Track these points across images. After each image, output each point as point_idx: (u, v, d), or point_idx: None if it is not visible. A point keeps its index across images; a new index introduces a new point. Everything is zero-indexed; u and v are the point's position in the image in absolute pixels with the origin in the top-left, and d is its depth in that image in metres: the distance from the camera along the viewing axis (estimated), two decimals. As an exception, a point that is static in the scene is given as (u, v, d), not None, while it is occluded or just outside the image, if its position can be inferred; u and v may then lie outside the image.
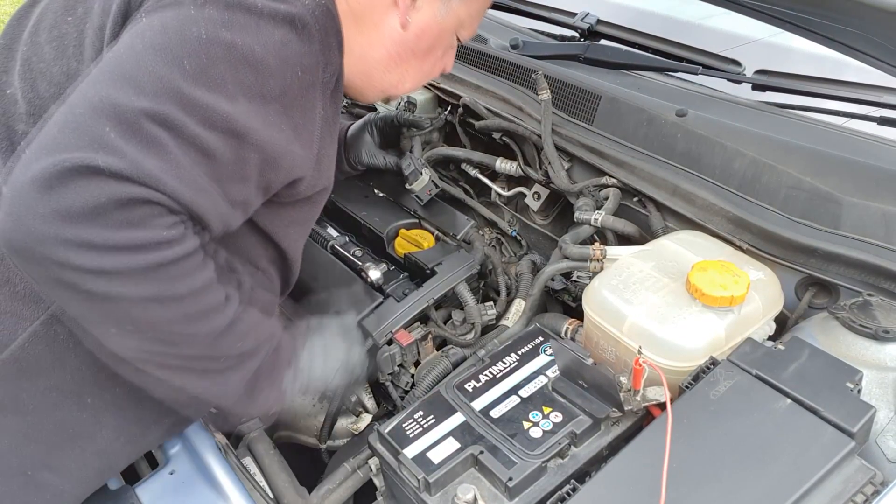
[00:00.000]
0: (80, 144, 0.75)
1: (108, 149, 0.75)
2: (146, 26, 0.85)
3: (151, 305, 0.83)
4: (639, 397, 0.96)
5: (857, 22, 1.13)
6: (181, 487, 1.09)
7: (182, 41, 0.82)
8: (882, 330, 1.01)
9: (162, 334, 0.87)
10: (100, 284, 0.78)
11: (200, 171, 0.82)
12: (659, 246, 1.22)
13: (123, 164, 0.76)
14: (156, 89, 0.79)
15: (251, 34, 0.85)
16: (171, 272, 0.81)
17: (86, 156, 0.74)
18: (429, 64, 1.17)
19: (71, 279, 0.77)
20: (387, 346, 1.29)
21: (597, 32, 1.80)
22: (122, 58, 0.82)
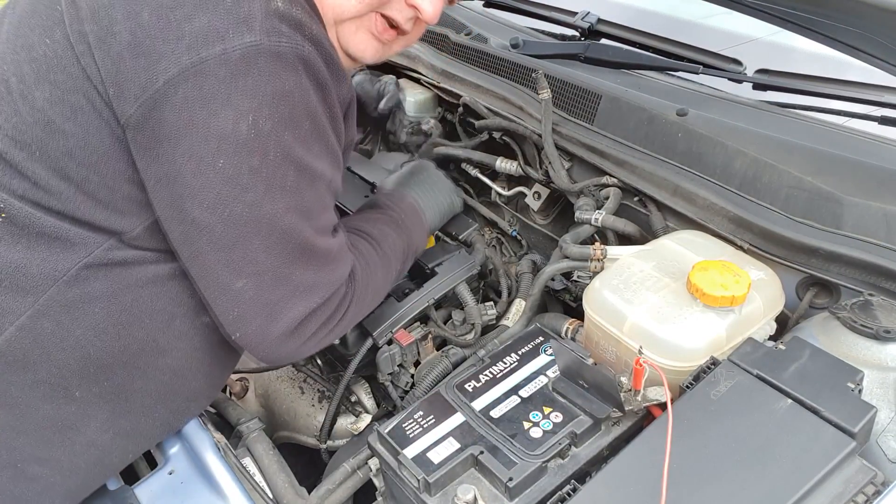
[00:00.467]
0: (290, 302, 0.98)
1: (305, 290, 0.99)
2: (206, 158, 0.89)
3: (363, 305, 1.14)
4: (639, 397, 0.96)
5: (858, 21, 1.13)
6: (180, 488, 1.09)
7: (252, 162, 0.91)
8: (883, 330, 1.01)
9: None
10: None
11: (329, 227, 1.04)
12: (660, 246, 1.21)
13: (323, 293, 1.01)
14: (276, 227, 0.95)
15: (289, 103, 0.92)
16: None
17: (303, 307, 0.99)
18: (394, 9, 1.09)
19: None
20: (387, 346, 1.29)
21: (597, 32, 1.80)
22: (232, 217, 0.92)
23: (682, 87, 1.57)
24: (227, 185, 0.90)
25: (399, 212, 1.25)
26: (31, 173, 0.92)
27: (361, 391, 1.38)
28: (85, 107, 0.90)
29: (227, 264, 0.94)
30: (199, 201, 0.90)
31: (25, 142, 0.92)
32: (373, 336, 1.28)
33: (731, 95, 1.55)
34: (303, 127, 0.93)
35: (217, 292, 0.97)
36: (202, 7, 0.87)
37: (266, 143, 0.90)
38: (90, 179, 0.93)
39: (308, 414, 1.44)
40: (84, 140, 0.91)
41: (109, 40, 0.89)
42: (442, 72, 1.76)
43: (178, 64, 0.86)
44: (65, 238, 0.93)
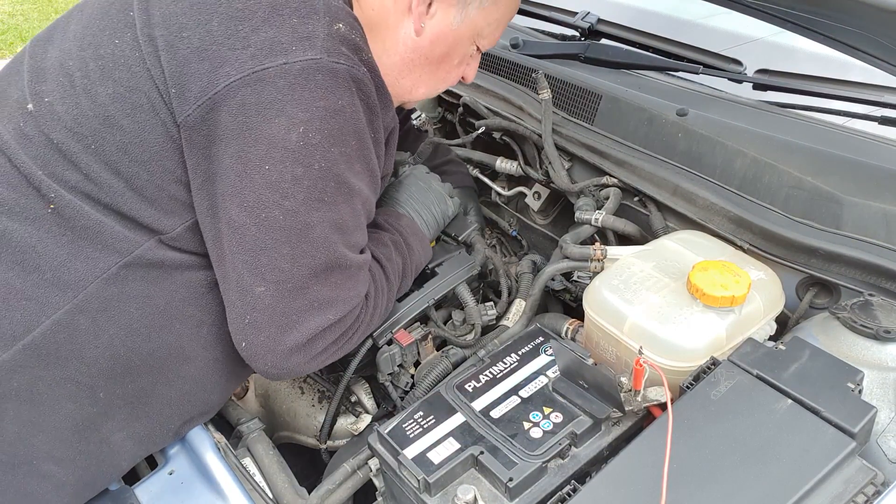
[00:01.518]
0: (306, 315, 0.99)
1: (323, 304, 1.00)
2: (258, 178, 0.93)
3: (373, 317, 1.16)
4: (639, 397, 0.96)
5: (858, 21, 1.13)
6: (180, 488, 1.09)
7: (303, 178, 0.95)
8: (883, 330, 1.01)
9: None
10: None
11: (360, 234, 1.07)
12: (660, 246, 1.21)
13: (340, 310, 1.02)
14: (319, 243, 0.98)
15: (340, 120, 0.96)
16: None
17: (317, 321, 1.00)
18: (443, 71, 1.19)
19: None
20: (387, 347, 1.29)
21: (597, 31, 1.80)
22: (274, 225, 0.95)
23: (683, 87, 1.57)
24: (268, 190, 0.93)
25: (397, 233, 1.25)
26: (84, 165, 0.96)
27: (361, 391, 1.38)
28: (144, 105, 0.95)
29: (253, 267, 0.95)
30: (239, 202, 0.93)
31: (83, 133, 0.96)
32: (373, 336, 1.28)
33: (731, 95, 1.55)
34: (349, 144, 0.97)
35: (237, 295, 0.98)
36: (269, 22, 0.93)
37: (313, 154, 0.93)
38: (140, 176, 0.96)
39: (308, 414, 1.44)
40: (139, 136, 0.96)
41: (178, 44, 0.94)
42: (442, 72, 1.76)
43: (240, 70, 0.91)
44: (108, 235, 0.97)
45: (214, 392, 1.12)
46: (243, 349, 1.00)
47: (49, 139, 0.97)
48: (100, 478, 1.07)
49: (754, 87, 1.57)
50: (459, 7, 1.09)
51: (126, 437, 1.05)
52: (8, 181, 0.97)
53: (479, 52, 1.21)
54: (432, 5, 1.09)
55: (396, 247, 1.22)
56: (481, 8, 1.11)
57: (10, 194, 0.97)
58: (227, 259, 0.97)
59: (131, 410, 1.03)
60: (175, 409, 1.08)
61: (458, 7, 1.09)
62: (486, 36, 1.17)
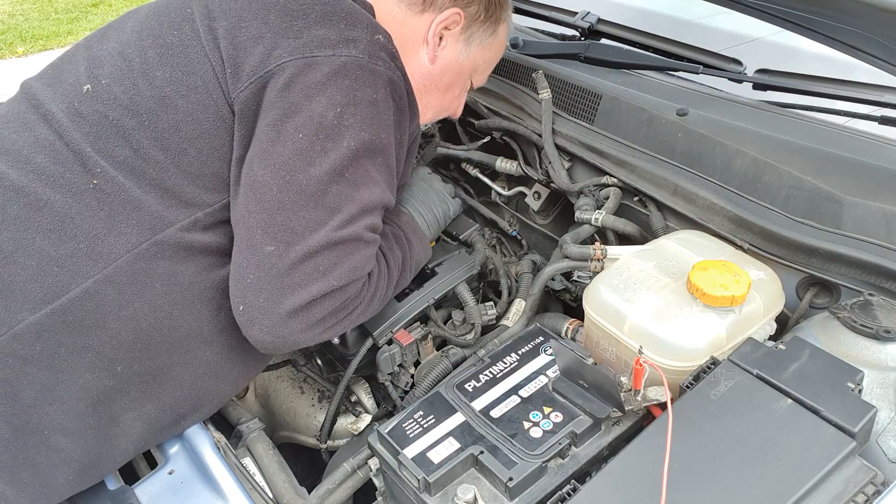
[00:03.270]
0: (308, 279, 1.00)
1: (325, 271, 1.01)
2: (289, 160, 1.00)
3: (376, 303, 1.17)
4: (639, 397, 0.96)
5: (858, 21, 1.13)
6: (180, 487, 1.09)
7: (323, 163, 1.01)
8: (883, 330, 1.01)
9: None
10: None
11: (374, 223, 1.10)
12: (660, 245, 1.21)
13: (340, 278, 1.02)
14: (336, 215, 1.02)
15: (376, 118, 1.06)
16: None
17: (317, 287, 1.00)
18: (447, 99, 1.34)
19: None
20: (387, 346, 1.29)
21: (597, 31, 1.80)
22: (296, 195, 1.00)
23: (683, 86, 1.57)
24: (296, 156, 1.00)
25: (397, 227, 1.27)
26: (135, 140, 1.03)
27: (361, 391, 1.38)
28: (199, 87, 1.04)
29: (267, 226, 0.99)
30: (267, 163, 1.00)
31: (138, 111, 1.04)
32: (373, 336, 1.28)
33: (731, 95, 1.55)
34: (379, 136, 1.06)
35: (245, 255, 1.00)
36: (321, 23, 1.05)
37: (344, 134, 1.02)
38: (187, 152, 1.03)
39: (308, 414, 1.44)
40: (192, 115, 1.03)
41: (236, 32, 1.05)
42: (442, 72, 1.76)
43: (292, 54, 1.02)
44: (145, 211, 1.02)
45: (225, 381, 1.14)
46: (241, 312, 1.00)
47: (105, 115, 1.04)
48: (104, 459, 1.07)
49: (754, 87, 1.57)
50: (464, 43, 1.27)
51: (136, 418, 1.06)
52: (56, 156, 1.03)
53: (471, 87, 1.37)
54: (443, 38, 1.25)
55: (396, 239, 1.24)
56: (481, 45, 1.29)
57: (56, 168, 1.02)
58: (244, 219, 1.01)
59: (145, 389, 1.05)
60: (186, 394, 1.09)
61: (464, 42, 1.27)
62: (480, 72, 1.35)
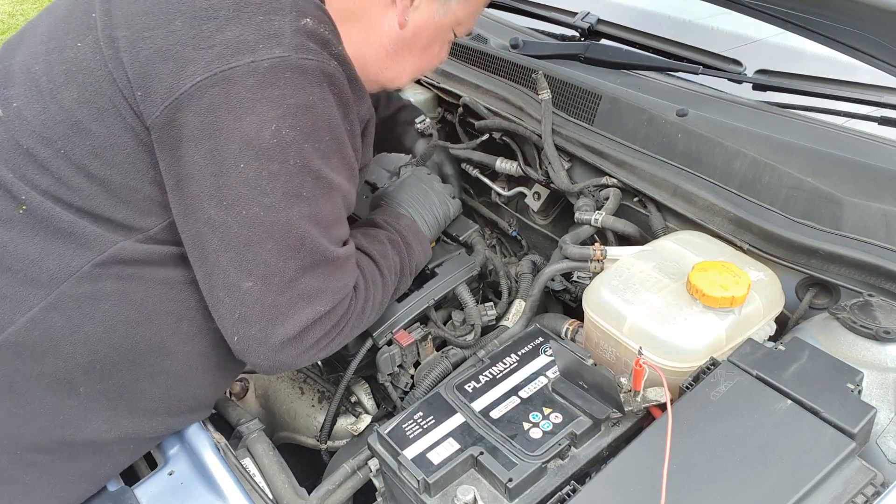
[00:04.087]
0: (295, 307, 0.98)
1: (311, 296, 0.99)
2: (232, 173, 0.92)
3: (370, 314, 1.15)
4: (639, 398, 0.96)
5: (858, 22, 1.13)
6: (180, 488, 1.09)
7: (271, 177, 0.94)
8: (883, 330, 1.01)
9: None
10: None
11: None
12: (659, 246, 1.21)
13: (329, 301, 1.02)
14: (295, 243, 0.97)
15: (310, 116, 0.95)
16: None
17: (308, 314, 0.99)
18: (426, 59, 1.21)
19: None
20: (387, 347, 1.29)
21: (597, 32, 1.80)
22: (253, 222, 0.94)
23: (682, 87, 1.57)
24: (246, 187, 0.92)
25: (396, 231, 1.26)
26: (55, 169, 0.95)
27: (361, 392, 1.38)
28: (110, 110, 0.94)
29: (238, 264, 0.95)
30: (218, 201, 0.93)
31: (52, 138, 0.95)
32: (373, 336, 1.28)
33: (730, 96, 1.55)
34: (323, 139, 0.97)
35: (224, 292, 0.97)
36: (234, 20, 0.92)
37: (287, 151, 0.93)
38: (113, 179, 0.95)
39: (308, 414, 1.44)
40: (109, 141, 0.94)
41: (139, 45, 0.92)
42: (442, 72, 1.76)
43: (206, 70, 0.90)
44: (81, 235, 0.96)
45: (202, 387, 1.11)
46: (235, 343, 1.00)
47: (19, 144, 0.96)
48: (94, 472, 1.06)
49: (754, 88, 1.57)
50: (442, 1, 1.12)
51: (114, 433, 1.04)
52: None
53: (455, 37, 1.23)
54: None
55: (394, 245, 1.22)
56: (463, 0, 1.14)
57: None
58: (211, 257, 0.96)
59: (115, 407, 1.03)
60: (161, 405, 1.07)
61: (440, 1, 1.12)
62: (464, 24, 1.20)
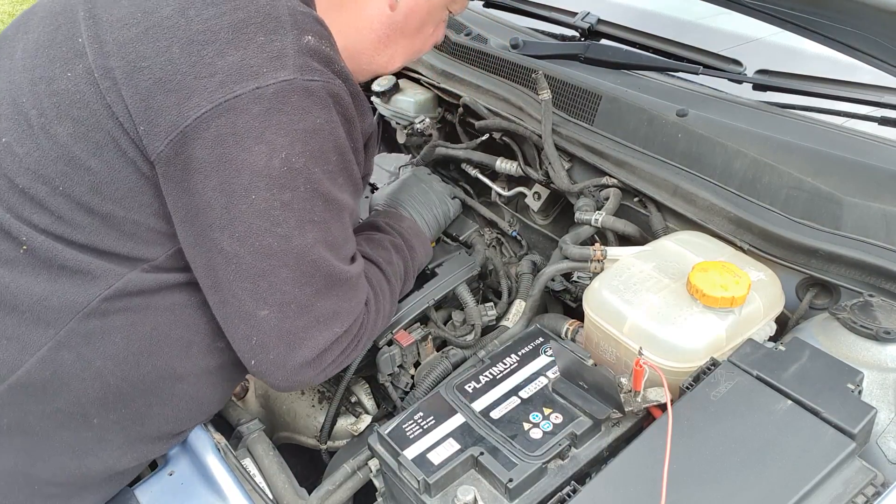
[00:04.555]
0: (313, 331, 0.98)
1: (328, 319, 0.99)
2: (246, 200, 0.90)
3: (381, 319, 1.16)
4: (639, 398, 0.96)
5: (858, 22, 1.13)
6: (180, 489, 1.09)
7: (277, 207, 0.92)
8: (883, 331, 1.01)
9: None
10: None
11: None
12: (659, 246, 1.21)
13: (345, 321, 1.02)
14: (307, 264, 0.96)
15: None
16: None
17: (325, 336, 0.99)
18: (419, 41, 1.18)
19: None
20: (387, 347, 1.29)
21: (597, 32, 1.79)
22: (259, 249, 0.92)
23: (682, 87, 1.57)
24: (258, 219, 0.90)
25: (398, 234, 1.25)
26: (54, 207, 0.92)
27: (361, 392, 1.38)
28: (109, 144, 0.90)
29: (253, 293, 0.94)
30: (230, 233, 0.91)
31: (48, 176, 0.92)
32: (373, 337, 1.28)
33: (730, 96, 1.55)
34: (331, 161, 0.96)
35: (239, 320, 0.96)
36: (234, 43, 0.88)
37: (297, 178, 0.91)
38: (115, 213, 0.93)
39: (308, 415, 1.44)
40: (109, 176, 0.91)
41: (137, 76, 0.88)
42: (442, 72, 1.76)
43: (210, 100, 0.87)
44: (87, 270, 0.93)
45: (212, 402, 1.12)
46: (253, 366, 0.99)
47: (13, 183, 0.93)
48: (105, 490, 1.06)
49: (754, 88, 1.57)
50: None
51: (128, 457, 1.04)
52: None
53: (450, 15, 1.21)
54: None
55: (397, 249, 1.22)
56: None
57: None
58: (224, 287, 0.94)
59: (128, 433, 1.02)
60: (173, 425, 1.07)
61: None
62: (458, 1, 1.18)
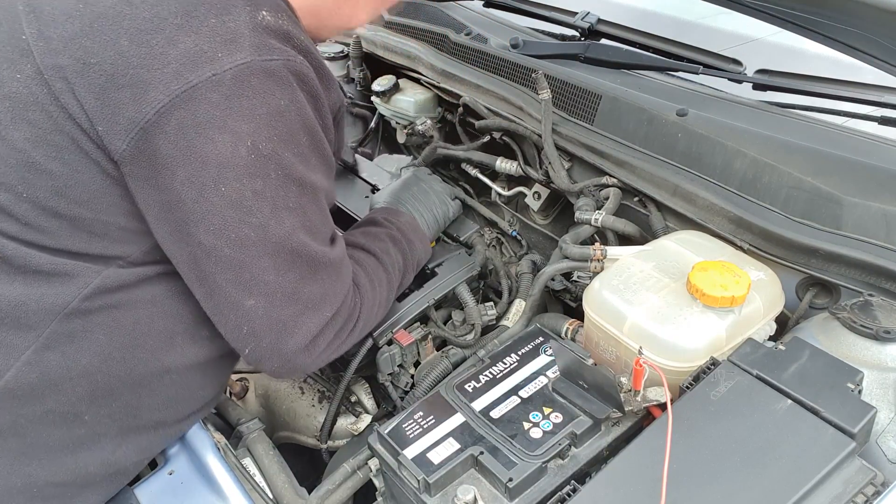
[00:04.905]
0: (302, 317, 0.98)
1: (316, 304, 0.99)
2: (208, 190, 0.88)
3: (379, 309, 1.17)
4: (639, 398, 0.96)
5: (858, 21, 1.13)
6: (180, 488, 1.09)
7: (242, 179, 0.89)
8: (883, 330, 1.01)
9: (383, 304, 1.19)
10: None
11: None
12: (659, 246, 1.21)
13: (333, 304, 1.01)
14: (279, 241, 0.93)
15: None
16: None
17: (315, 321, 0.99)
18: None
19: None
20: (387, 347, 1.29)
21: (597, 32, 1.80)
22: (240, 241, 0.91)
23: (682, 87, 1.57)
24: (231, 210, 0.89)
25: (396, 228, 1.25)
26: (20, 214, 0.90)
27: (361, 391, 1.38)
28: (69, 146, 0.87)
29: (237, 283, 0.93)
30: (205, 227, 0.89)
31: (10, 184, 0.89)
32: (373, 336, 1.28)
33: (731, 96, 1.55)
34: (301, 143, 0.92)
35: (227, 311, 0.96)
36: (185, 29, 0.84)
37: (267, 164, 0.89)
38: (83, 216, 0.90)
39: (308, 414, 1.44)
40: (72, 179, 0.88)
41: (89, 74, 0.85)
42: (442, 72, 1.76)
43: (167, 93, 0.83)
44: (62, 272, 0.92)
45: (203, 388, 1.11)
46: (247, 355, 0.99)
47: None
48: (106, 488, 1.06)
49: (754, 88, 1.57)
50: None
51: (126, 450, 1.04)
52: None
53: None
54: None
55: (395, 241, 1.22)
56: None
57: None
58: (209, 279, 0.93)
59: (121, 426, 1.01)
60: (167, 413, 1.07)
61: None
62: None
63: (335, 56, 2.10)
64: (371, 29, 2.01)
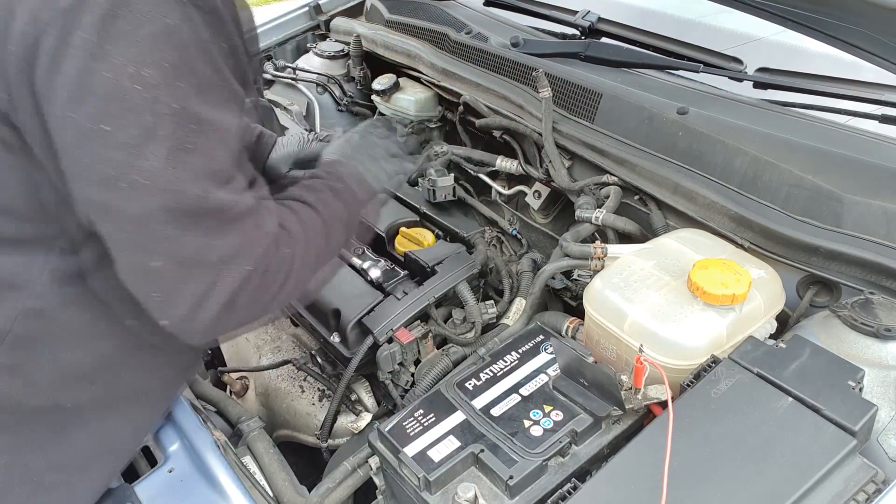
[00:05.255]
0: (216, 276, 0.84)
1: (230, 260, 0.84)
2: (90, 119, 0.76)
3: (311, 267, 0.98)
4: (640, 396, 0.96)
5: (859, 20, 1.13)
6: (180, 486, 1.09)
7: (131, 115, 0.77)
8: (884, 328, 1.01)
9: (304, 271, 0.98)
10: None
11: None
12: (660, 244, 1.21)
13: (250, 258, 0.86)
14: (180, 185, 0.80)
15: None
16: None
17: (231, 279, 0.84)
18: None
19: None
20: (387, 345, 1.29)
21: (598, 30, 1.80)
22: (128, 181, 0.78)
23: (683, 85, 1.57)
24: (118, 152, 0.76)
25: (336, 178, 1.11)
26: None
27: (362, 390, 1.38)
28: None
29: (139, 244, 0.81)
30: (91, 177, 0.78)
31: None
32: (373, 334, 1.28)
33: (731, 94, 1.55)
34: (197, 71, 0.80)
35: (135, 275, 0.85)
36: None
37: (156, 95, 0.76)
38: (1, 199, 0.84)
39: (308, 413, 1.44)
40: None
41: None
42: (442, 70, 1.76)
43: (34, 24, 0.74)
44: (7, 273, 0.88)
45: (182, 355, 1.06)
46: (166, 326, 0.87)
47: None
48: (107, 468, 1.05)
49: (755, 86, 1.57)
50: None
51: (113, 419, 1.02)
52: None
53: None
54: None
55: (334, 192, 1.09)
56: None
57: None
58: (112, 244, 0.83)
59: (106, 405, 1.00)
60: (152, 383, 1.04)
61: None
62: None
63: (335, 55, 2.10)
64: (371, 28, 2.01)
